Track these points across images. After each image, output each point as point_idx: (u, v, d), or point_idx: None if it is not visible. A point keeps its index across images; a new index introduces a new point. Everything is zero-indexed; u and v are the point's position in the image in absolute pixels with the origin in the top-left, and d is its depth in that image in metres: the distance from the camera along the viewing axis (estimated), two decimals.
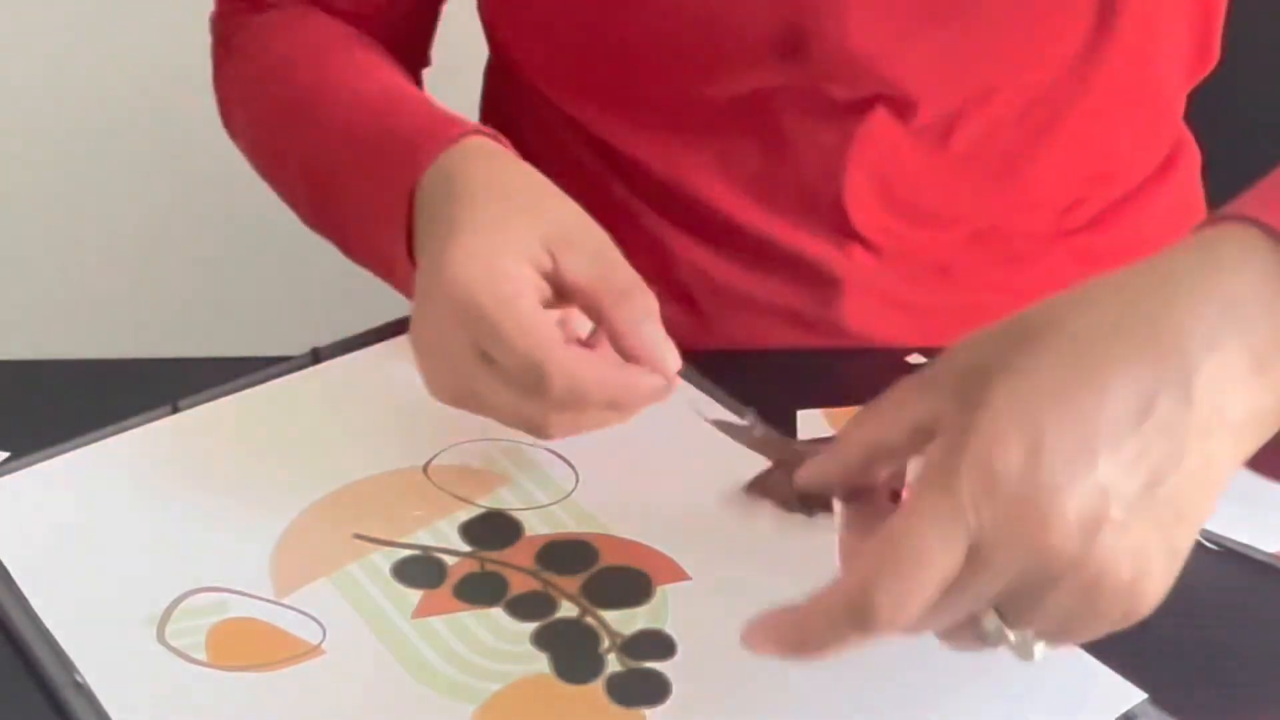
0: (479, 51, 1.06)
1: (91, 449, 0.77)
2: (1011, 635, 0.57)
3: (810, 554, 0.71)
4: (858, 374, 0.83)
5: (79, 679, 0.64)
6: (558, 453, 0.77)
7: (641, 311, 0.68)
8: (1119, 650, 0.66)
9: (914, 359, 0.85)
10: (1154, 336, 0.54)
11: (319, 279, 1.85)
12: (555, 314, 0.70)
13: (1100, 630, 0.57)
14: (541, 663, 0.65)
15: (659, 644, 0.66)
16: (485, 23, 1.01)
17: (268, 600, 0.68)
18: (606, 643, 0.66)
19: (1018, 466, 0.52)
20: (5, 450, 0.77)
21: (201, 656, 0.66)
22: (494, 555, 0.71)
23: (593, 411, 0.69)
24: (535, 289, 0.69)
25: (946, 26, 0.83)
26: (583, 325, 0.72)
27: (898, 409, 0.60)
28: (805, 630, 0.57)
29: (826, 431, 0.80)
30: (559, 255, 0.69)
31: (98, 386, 0.82)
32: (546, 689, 0.64)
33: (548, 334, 0.67)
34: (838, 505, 0.63)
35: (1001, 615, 0.56)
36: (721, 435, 0.77)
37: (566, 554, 0.71)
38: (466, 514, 0.73)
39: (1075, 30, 0.85)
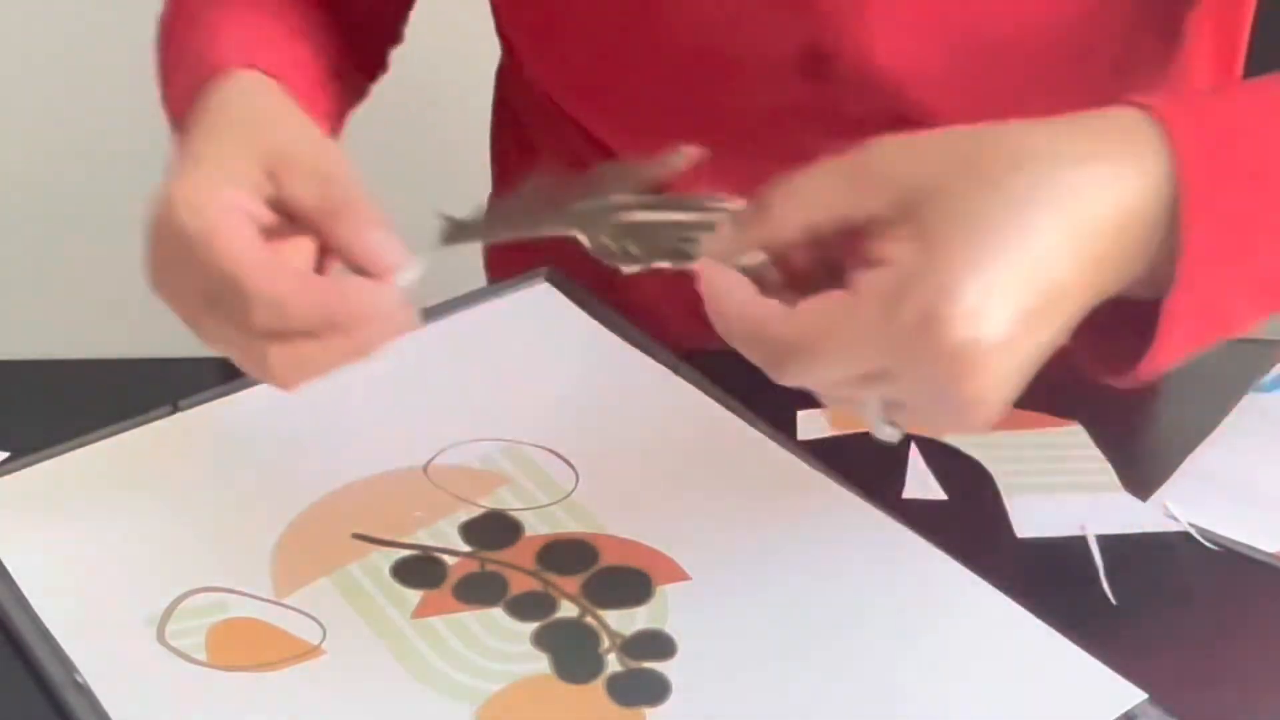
0: (491, 53, 1.06)
1: (91, 449, 0.77)
2: (888, 429, 0.62)
3: (810, 554, 0.71)
4: None
5: (79, 679, 0.64)
6: (558, 453, 0.77)
7: (362, 220, 0.65)
8: (1119, 650, 0.66)
9: None
10: (1082, 211, 0.59)
11: None
12: (287, 244, 0.67)
13: (954, 433, 0.68)
14: (542, 663, 0.65)
15: (659, 644, 0.66)
16: (500, 30, 1.01)
17: (268, 600, 0.68)
18: (606, 643, 0.66)
19: (964, 318, 0.56)
20: (5, 450, 0.77)
21: (201, 657, 0.66)
22: (494, 555, 0.71)
23: (312, 342, 0.64)
24: (248, 216, 0.65)
25: (969, 47, 0.83)
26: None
27: (830, 197, 0.61)
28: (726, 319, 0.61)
29: (827, 432, 0.80)
30: (281, 178, 0.66)
31: (98, 386, 0.82)
32: (546, 689, 0.64)
33: (250, 255, 0.63)
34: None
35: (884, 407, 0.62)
36: (721, 437, 0.78)
37: (566, 554, 0.71)
38: (467, 514, 0.73)
39: (1100, 41, 0.85)
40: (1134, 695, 0.64)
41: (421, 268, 0.65)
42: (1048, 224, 0.58)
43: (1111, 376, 0.66)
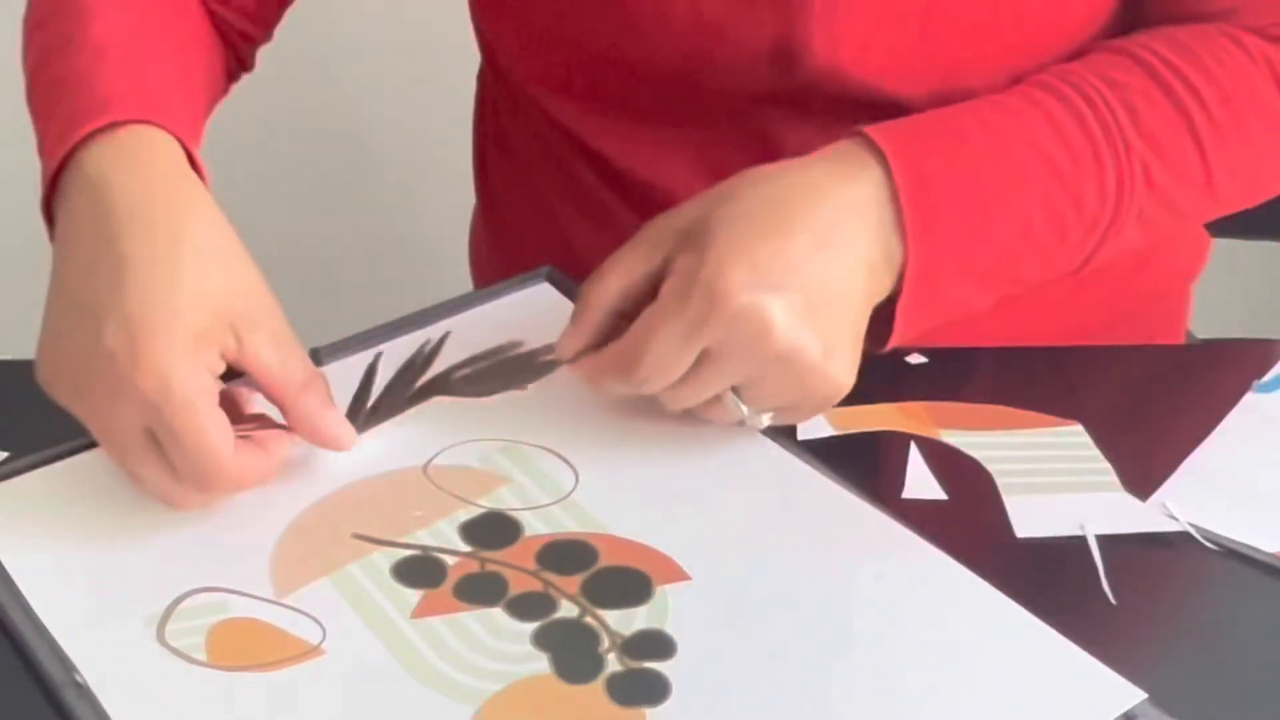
0: (471, 57, 1.06)
1: (92, 449, 0.77)
2: (745, 410, 0.74)
3: (810, 554, 0.71)
4: (858, 374, 0.83)
5: (79, 679, 0.64)
6: (558, 453, 0.77)
7: (320, 400, 0.73)
8: (1119, 650, 0.66)
9: (914, 359, 0.85)
10: (818, 205, 0.74)
11: (318, 279, 1.86)
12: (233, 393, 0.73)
13: (812, 407, 0.75)
14: (542, 662, 0.65)
15: (659, 644, 0.66)
16: (478, 29, 1.01)
17: (268, 600, 0.68)
18: (606, 642, 0.66)
19: (740, 286, 0.70)
20: (5, 450, 0.77)
21: (201, 656, 0.66)
22: (494, 555, 0.71)
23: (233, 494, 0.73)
24: (216, 386, 0.70)
25: (936, 39, 0.83)
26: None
27: (629, 262, 0.74)
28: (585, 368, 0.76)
29: (827, 431, 0.80)
30: (244, 338, 0.71)
31: None
32: (546, 689, 0.64)
33: (224, 448, 0.69)
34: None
35: (738, 395, 0.74)
36: (721, 435, 0.78)
37: (566, 554, 0.71)
38: (466, 514, 0.73)
39: (1068, 40, 0.85)
40: (1134, 695, 0.64)
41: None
42: (790, 211, 0.73)
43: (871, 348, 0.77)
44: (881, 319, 0.76)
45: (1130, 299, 0.98)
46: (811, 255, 0.72)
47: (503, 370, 0.78)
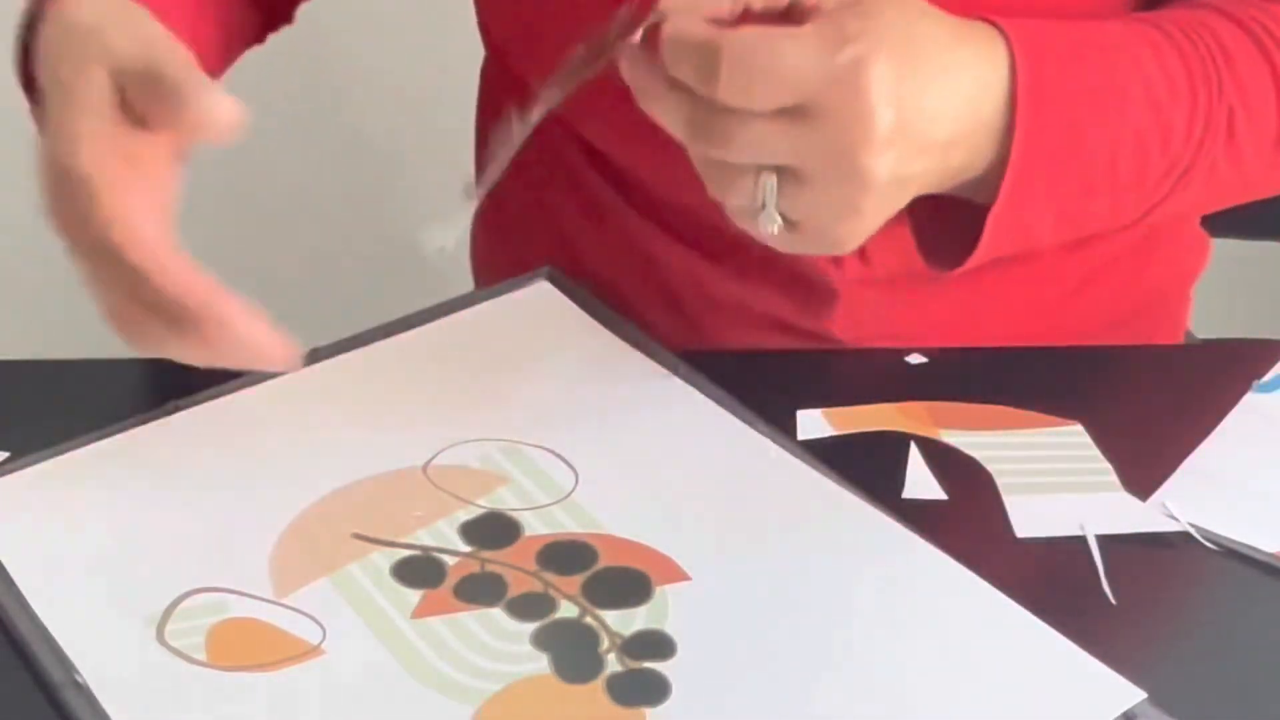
0: (473, 51, 1.06)
1: (91, 449, 0.77)
2: (773, 200, 0.67)
3: (810, 554, 0.71)
4: (857, 374, 0.83)
5: (79, 679, 0.64)
6: (557, 453, 0.77)
7: (191, 85, 0.67)
8: (1119, 650, 0.66)
9: (913, 359, 0.85)
10: (974, 81, 0.69)
11: (318, 279, 1.86)
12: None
13: (822, 242, 0.70)
14: (541, 663, 0.65)
15: (659, 644, 0.66)
16: (482, 25, 1.01)
17: (267, 600, 0.68)
18: (606, 643, 0.66)
19: (880, 80, 0.64)
20: (5, 450, 0.77)
21: (201, 656, 0.66)
22: (494, 555, 0.71)
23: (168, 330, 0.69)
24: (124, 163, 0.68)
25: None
26: None
27: None
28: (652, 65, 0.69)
29: (827, 431, 0.80)
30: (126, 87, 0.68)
31: (98, 386, 0.82)
32: (546, 689, 0.64)
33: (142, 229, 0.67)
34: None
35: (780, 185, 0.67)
36: (721, 437, 0.78)
37: (566, 554, 0.71)
38: (466, 514, 0.73)
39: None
40: (1133, 695, 0.64)
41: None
42: (960, 72, 0.68)
43: (935, 265, 0.76)
44: (940, 238, 0.75)
45: (1131, 300, 0.98)
46: (937, 116, 0.67)
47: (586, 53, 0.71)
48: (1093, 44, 0.75)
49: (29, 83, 0.77)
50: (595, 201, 0.97)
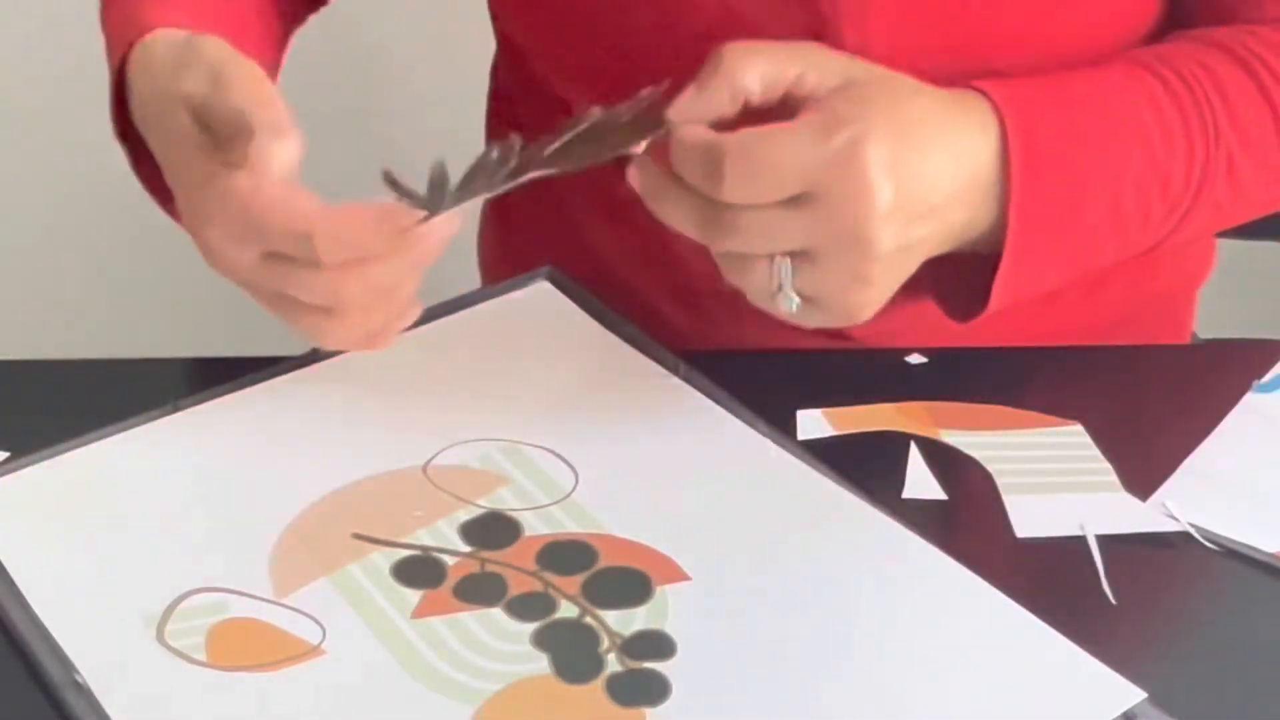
0: (484, 45, 1.06)
1: (91, 449, 0.77)
2: (789, 280, 0.70)
3: (810, 554, 0.71)
4: (858, 374, 0.83)
5: (79, 679, 0.64)
6: (557, 453, 0.77)
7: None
8: (1119, 650, 0.66)
9: (914, 359, 0.85)
10: (965, 148, 0.73)
11: None
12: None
13: (838, 313, 0.72)
14: (541, 663, 0.65)
15: (659, 644, 0.66)
16: (495, 18, 1.01)
17: (267, 600, 0.68)
18: (606, 643, 0.66)
19: (880, 160, 0.67)
20: (5, 450, 0.77)
21: (201, 656, 0.66)
22: (494, 555, 0.71)
23: (380, 268, 0.71)
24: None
25: (969, 45, 0.83)
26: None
27: (784, 63, 0.71)
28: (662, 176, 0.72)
29: (827, 431, 0.80)
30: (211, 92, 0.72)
31: (98, 386, 0.82)
32: (546, 689, 0.64)
33: (300, 204, 0.70)
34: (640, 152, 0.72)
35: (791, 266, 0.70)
36: (721, 437, 0.78)
37: (566, 554, 0.71)
38: (466, 514, 0.73)
39: (1098, 54, 0.85)
40: (1133, 695, 0.64)
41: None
42: (937, 137, 0.71)
43: (953, 316, 0.80)
44: (958, 292, 0.78)
45: (1137, 303, 0.98)
46: (930, 184, 0.70)
47: (595, 135, 0.72)
48: (1085, 98, 0.77)
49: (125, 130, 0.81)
50: (611, 197, 0.96)
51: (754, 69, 0.71)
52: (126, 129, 0.80)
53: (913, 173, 0.69)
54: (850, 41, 0.82)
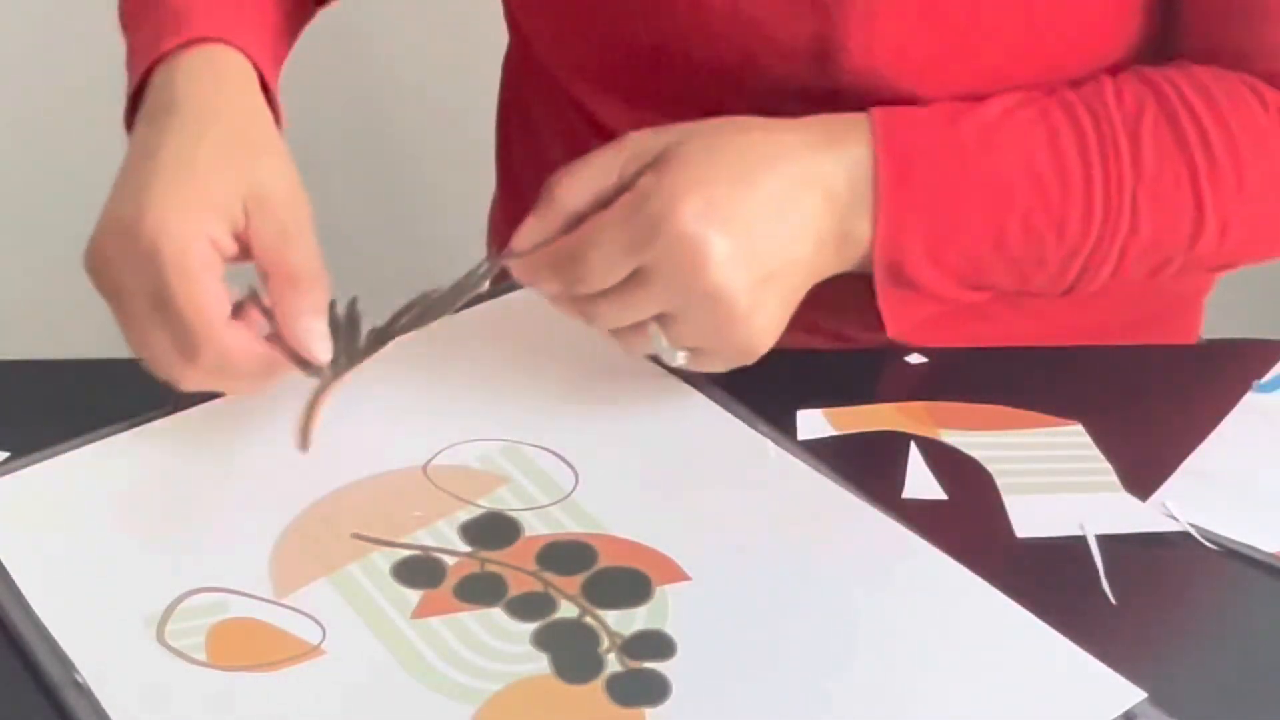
0: (496, 38, 1.06)
1: (91, 449, 0.77)
2: (664, 342, 0.74)
3: (810, 554, 0.71)
4: (857, 374, 0.83)
5: (79, 679, 0.64)
6: (557, 453, 0.77)
7: (303, 305, 0.73)
8: (1119, 650, 0.66)
9: (914, 359, 0.85)
10: (794, 170, 0.75)
11: (329, 267, 1.85)
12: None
13: (727, 359, 0.76)
14: (541, 663, 0.65)
15: (659, 644, 0.66)
16: (510, 19, 1.01)
17: (267, 600, 0.68)
18: (606, 643, 0.66)
19: (691, 216, 0.71)
20: (5, 450, 0.77)
21: (201, 656, 0.66)
22: (494, 555, 0.71)
23: (233, 381, 0.74)
24: (219, 258, 0.72)
25: (977, 50, 0.83)
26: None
27: (602, 171, 0.75)
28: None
29: (827, 431, 0.80)
30: (252, 217, 0.72)
31: (98, 386, 0.82)
32: (546, 689, 0.64)
33: (212, 310, 0.70)
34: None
35: (661, 327, 0.74)
36: (721, 437, 0.78)
37: (566, 554, 0.71)
38: (466, 514, 0.73)
39: (1100, 59, 0.85)
40: (1133, 695, 0.64)
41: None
42: (761, 166, 0.74)
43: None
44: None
45: (1144, 310, 0.98)
46: (766, 213, 0.73)
47: (446, 296, 0.77)
48: (975, 137, 0.79)
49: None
50: None
51: (581, 190, 0.74)
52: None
53: (741, 211, 0.72)
54: (856, 44, 0.82)
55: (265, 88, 0.80)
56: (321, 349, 0.73)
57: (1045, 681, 0.65)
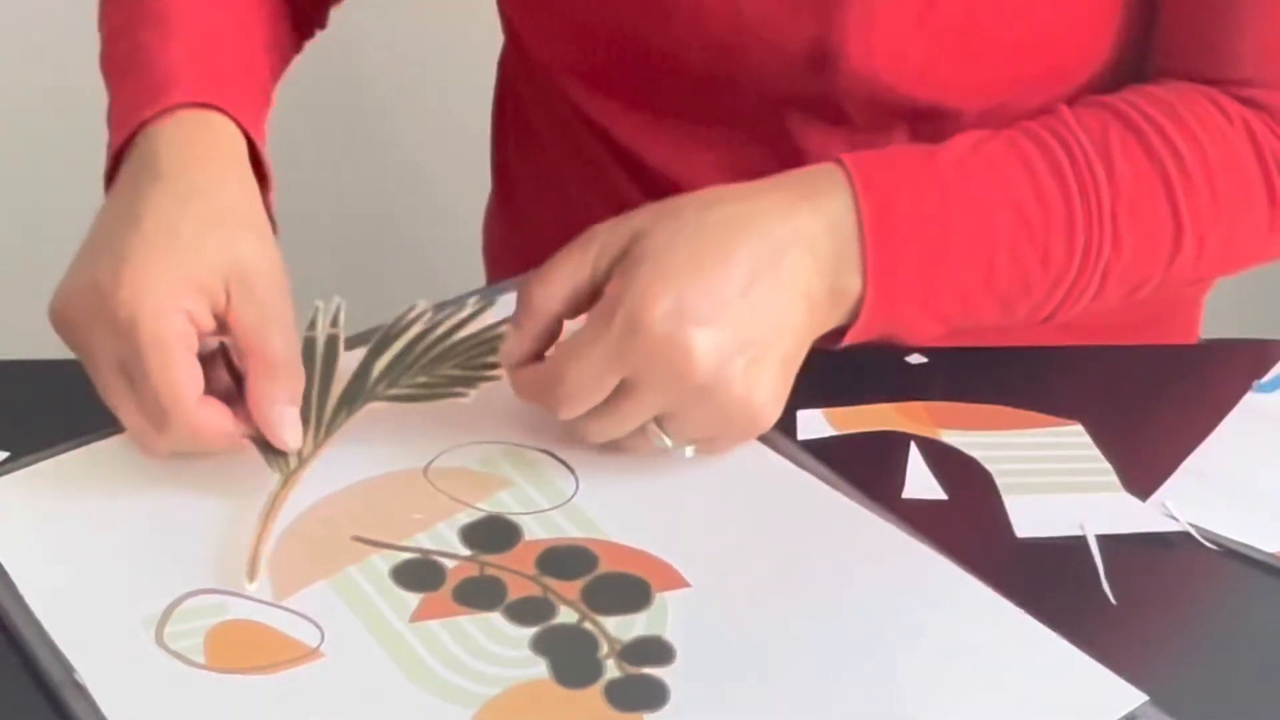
0: (491, 37, 1.06)
1: (91, 449, 0.77)
2: (669, 441, 0.73)
3: (810, 559, 0.71)
4: (858, 374, 0.83)
5: (78, 679, 0.64)
6: (559, 457, 0.77)
7: (279, 393, 0.73)
8: (1118, 650, 0.66)
9: (914, 359, 0.85)
10: (763, 237, 0.72)
11: (317, 279, 1.85)
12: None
13: (735, 438, 0.75)
14: (540, 668, 0.65)
15: (658, 650, 0.66)
16: (505, 18, 1.01)
17: (266, 603, 0.68)
18: (605, 648, 0.66)
19: (661, 316, 0.69)
20: (5, 450, 0.77)
21: (199, 659, 0.66)
22: (493, 559, 0.71)
23: (201, 450, 0.74)
24: (195, 333, 0.72)
25: (977, 55, 0.83)
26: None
27: (573, 270, 0.73)
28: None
29: (827, 431, 0.80)
30: (233, 297, 0.72)
31: None
32: (545, 694, 0.64)
33: (185, 388, 0.70)
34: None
35: (660, 426, 0.73)
36: None
37: (566, 559, 0.71)
38: (466, 517, 0.73)
39: (1102, 64, 0.85)
40: (1135, 698, 0.64)
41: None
42: (732, 240, 0.72)
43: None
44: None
45: (1145, 310, 0.97)
46: (745, 289, 0.71)
47: (429, 363, 0.78)
48: (952, 172, 0.77)
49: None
50: (620, 196, 0.97)
51: (555, 291, 0.73)
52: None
53: (715, 297, 0.70)
54: (855, 49, 0.82)
55: (254, 152, 0.80)
56: (292, 436, 0.74)
57: (1047, 686, 0.65)
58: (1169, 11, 0.84)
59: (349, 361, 0.80)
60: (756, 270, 0.71)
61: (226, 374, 0.75)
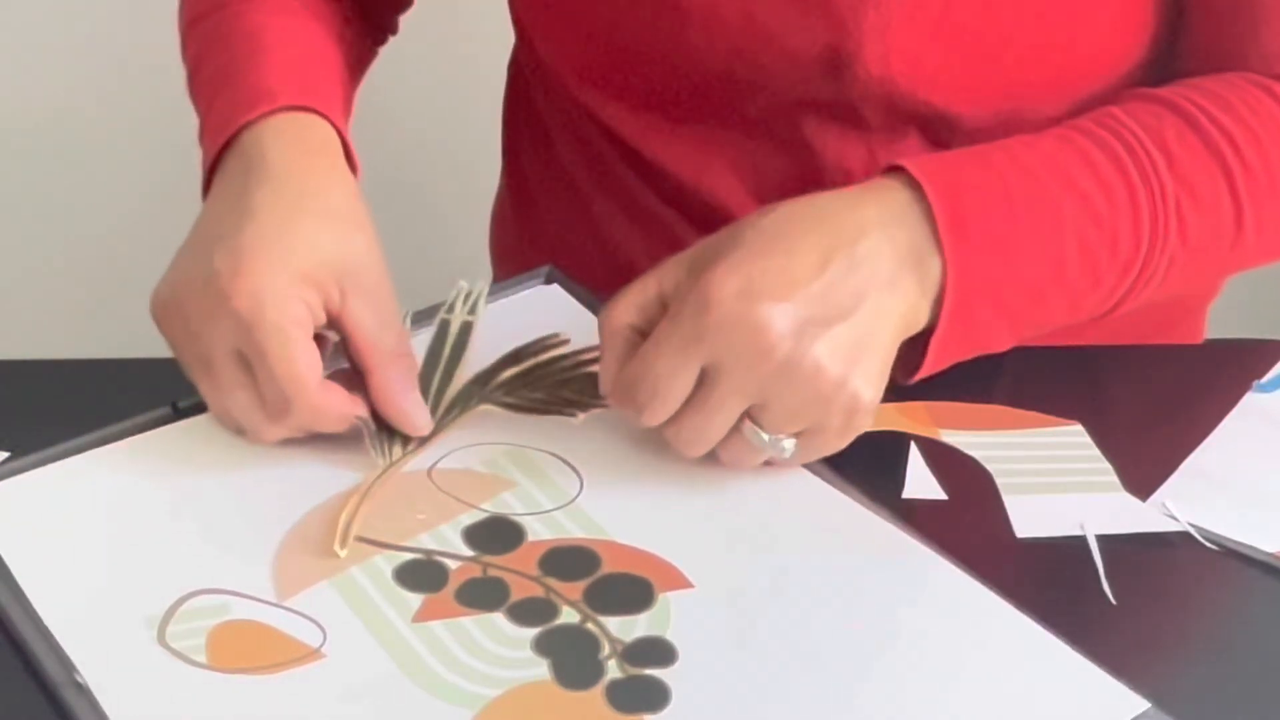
0: (502, 38, 1.06)
1: (92, 449, 0.77)
2: (765, 435, 0.71)
3: (812, 562, 0.71)
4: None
5: (79, 679, 0.64)
6: (563, 458, 0.77)
7: (401, 381, 0.76)
8: (1118, 650, 0.66)
9: None
10: (831, 225, 0.72)
11: None
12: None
13: (836, 428, 0.72)
14: (542, 668, 0.65)
15: (660, 651, 0.66)
16: (517, 21, 1.01)
17: (269, 603, 0.68)
18: (607, 649, 0.66)
19: (732, 295, 0.68)
20: (5, 450, 0.77)
21: (201, 659, 0.66)
22: (496, 560, 0.71)
23: (313, 430, 0.76)
24: (312, 322, 0.74)
25: (995, 60, 0.83)
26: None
27: (645, 288, 0.73)
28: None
29: None
30: (347, 296, 0.75)
31: (98, 386, 0.82)
32: (546, 695, 0.64)
33: (309, 374, 0.72)
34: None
35: (756, 424, 0.71)
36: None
37: (569, 560, 0.71)
38: (470, 518, 0.73)
39: (1116, 68, 0.85)
40: (1137, 704, 0.64)
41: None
42: (797, 231, 0.71)
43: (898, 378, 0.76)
44: (904, 351, 0.75)
45: (1150, 317, 0.97)
46: (819, 270, 0.70)
47: (551, 384, 0.80)
48: (1009, 161, 0.76)
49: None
50: (633, 199, 0.97)
51: (628, 306, 0.73)
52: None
53: (785, 275, 0.69)
54: (871, 55, 0.82)
55: (348, 154, 0.82)
56: (425, 421, 0.76)
57: (1048, 690, 0.65)
58: (1196, 12, 0.84)
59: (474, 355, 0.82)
60: (829, 253, 0.70)
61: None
